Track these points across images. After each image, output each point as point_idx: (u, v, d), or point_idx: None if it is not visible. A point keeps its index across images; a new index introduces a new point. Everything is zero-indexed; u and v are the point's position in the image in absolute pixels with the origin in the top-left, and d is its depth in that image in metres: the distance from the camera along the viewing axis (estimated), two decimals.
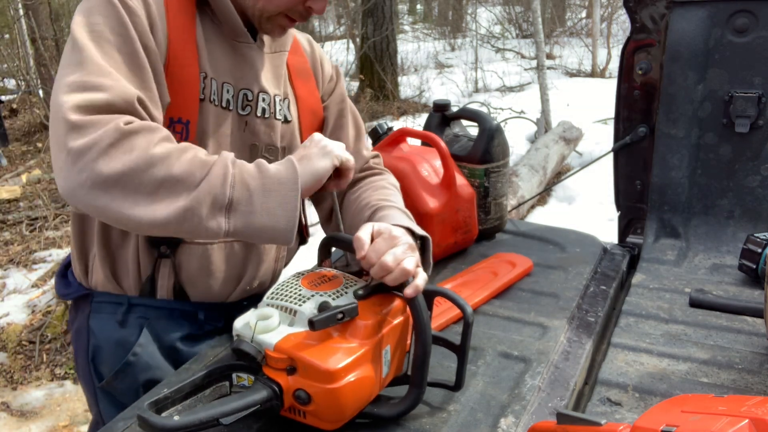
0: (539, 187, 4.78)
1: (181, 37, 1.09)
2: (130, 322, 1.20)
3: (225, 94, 1.15)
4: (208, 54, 1.13)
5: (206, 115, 1.12)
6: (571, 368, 1.17)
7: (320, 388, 0.88)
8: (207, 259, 1.19)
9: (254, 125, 1.19)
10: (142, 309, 1.20)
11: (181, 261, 1.18)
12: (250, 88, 1.18)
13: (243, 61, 1.17)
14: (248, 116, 1.19)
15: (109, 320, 1.21)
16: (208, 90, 1.12)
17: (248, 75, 1.18)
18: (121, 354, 1.20)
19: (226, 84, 1.15)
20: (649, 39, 1.72)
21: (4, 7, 9.07)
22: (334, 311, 0.89)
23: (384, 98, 8.32)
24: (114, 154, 0.91)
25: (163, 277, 1.18)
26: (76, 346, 1.27)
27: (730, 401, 0.74)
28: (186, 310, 1.22)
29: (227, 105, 1.15)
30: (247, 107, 1.18)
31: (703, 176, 1.68)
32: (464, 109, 1.75)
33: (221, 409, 0.83)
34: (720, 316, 1.33)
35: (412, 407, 0.99)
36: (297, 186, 0.99)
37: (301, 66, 1.31)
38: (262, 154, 1.21)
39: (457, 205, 1.51)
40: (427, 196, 1.48)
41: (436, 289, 1.02)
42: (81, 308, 1.25)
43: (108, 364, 1.21)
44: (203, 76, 1.12)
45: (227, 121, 1.16)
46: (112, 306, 1.21)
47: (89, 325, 1.22)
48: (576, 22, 13.11)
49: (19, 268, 4.23)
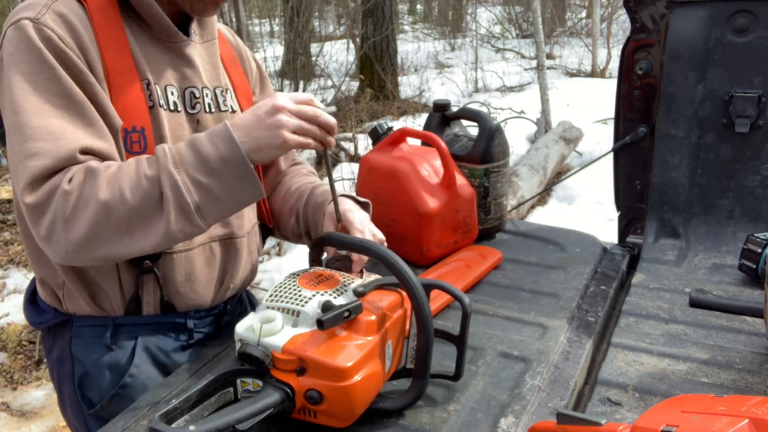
0: (539, 187, 4.78)
1: (115, 52, 1.07)
2: (120, 344, 1.16)
3: (170, 96, 1.14)
4: (145, 61, 1.11)
5: (159, 120, 1.11)
6: (571, 368, 1.17)
7: (333, 387, 0.88)
8: (190, 264, 1.17)
9: (205, 122, 1.19)
10: (130, 328, 1.17)
11: (165, 272, 1.15)
12: (194, 86, 1.18)
13: (181, 60, 1.16)
14: (198, 114, 1.18)
15: (95, 344, 1.16)
16: (155, 96, 1.11)
17: (189, 73, 1.17)
18: (113, 377, 1.16)
19: (169, 86, 1.14)
20: (649, 39, 1.72)
21: (5, 7, 9.07)
22: (340, 310, 0.90)
23: (384, 98, 8.32)
24: (75, 217, 0.97)
25: (149, 292, 1.15)
26: (58, 375, 1.21)
27: (730, 401, 0.74)
28: (175, 322, 1.20)
29: (175, 107, 1.15)
30: (196, 105, 1.18)
31: (703, 176, 1.68)
32: (464, 109, 1.75)
33: (236, 415, 0.83)
34: (720, 316, 1.33)
35: (417, 398, 1.00)
36: (245, 161, 0.99)
37: (228, 54, 1.31)
38: None
39: (457, 205, 1.51)
40: (427, 196, 1.48)
41: (434, 282, 1.04)
42: (59, 335, 1.20)
43: (98, 389, 1.17)
44: (146, 83, 1.10)
45: (181, 123, 1.15)
46: (96, 329, 1.16)
47: (72, 352, 1.17)
48: (576, 22, 13.11)
49: (19, 268, 4.23)
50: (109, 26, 1.07)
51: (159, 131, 1.11)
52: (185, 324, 1.21)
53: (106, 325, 1.16)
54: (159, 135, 1.11)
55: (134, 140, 1.08)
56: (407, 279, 0.95)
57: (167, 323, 1.19)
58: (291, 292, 0.96)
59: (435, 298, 1.29)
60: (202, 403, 0.87)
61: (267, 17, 14.82)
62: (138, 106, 1.09)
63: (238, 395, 0.92)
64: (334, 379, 0.88)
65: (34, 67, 1.00)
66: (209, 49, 1.23)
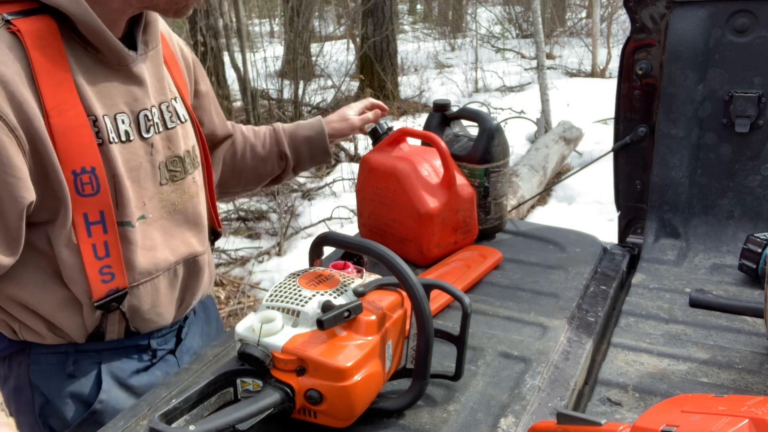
0: (539, 187, 4.78)
1: (56, 87, 0.99)
2: (82, 370, 1.14)
3: (121, 126, 1.08)
4: (93, 91, 1.04)
5: (111, 157, 1.06)
6: (571, 368, 1.17)
7: (333, 387, 0.88)
8: (155, 291, 1.16)
9: (156, 144, 1.15)
10: (93, 354, 1.14)
11: (131, 304, 1.14)
12: (145, 108, 1.12)
13: (131, 82, 1.10)
14: (151, 138, 1.13)
15: (55, 372, 1.13)
16: (103, 132, 1.05)
17: (140, 95, 1.11)
18: (78, 407, 1.14)
19: (120, 114, 1.08)
20: (649, 39, 1.72)
21: None
22: (340, 309, 0.90)
23: (384, 98, 8.32)
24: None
25: (113, 324, 1.14)
26: (16, 405, 1.18)
27: (730, 401, 0.74)
28: (138, 344, 1.20)
29: (127, 137, 1.09)
30: (150, 128, 1.13)
31: (703, 176, 1.68)
32: (464, 109, 1.75)
33: (236, 415, 0.83)
34: (720, 316, 1.33)
35: (417, 399, 1.00)
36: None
37: (168, 53, 1.26)
38: (168, 170, 1.18)
39: (457, 205, 1.51)
40: (427, 196, 1.48)
41: (434, 282, 1.04)
42: (15, 361, 1.15)
43: (60, 417, 1.14)
44: (93, 119, 1.04)
45: (134, 153, 1.10)
46: (56, 356, 1.13)
47: (31, 381, 1.13)
48: (576, 22, 13.11)
49: None
50: (47, 58, 0.98)
51: (111, 169, 1.06)
52: (149, 344, 1.21)
53: (67, 353, 1.13)
54: (111, 173, 1.06)
55: (85, 182, 1.03)
56: (407, 279, 0.95)
57: (131, 346, 1.18)
58: (291, 292, 0.96)
59: (435, 298, 1.29)
60: (202, 403, 0.87)
61: (267, 17, 14.82)
62: (85, 146, 1.03)
63: (238, 395, 0.92)
64: (334, 379, 0.88)
65: None
66: (154, 59, 1.17)
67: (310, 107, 8.01)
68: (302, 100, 7.72)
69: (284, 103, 7.73)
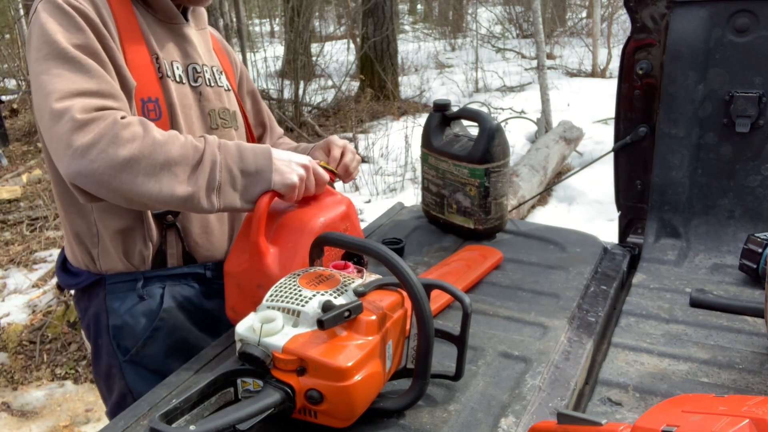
0: (539, 187, 4.78)
1: (128, 28, 1.23)
2: (150, 293, 1.31)
3: (176, 70, 1.30)
4: (153, 38, 1.27)
5: (169, 90, 1.27)
6: (571, 368, 1.17)
7: (333, 387, 0.88)
8: (205, 218, 1.35)
9: (207, 94, 1.35)
10: (158, 279, 1.33)
11: (185, 226, 1.33)
12: (195, 62, 1.34)
13: (182, 39, 1.33)
14: (200, 87, 1.34)
15: (128, 297, 1.31)
16: (163, 68, 1.27)
17: (190, 51, 1.34)
18: (146, 323, 1.31)
19: (175, 62, 1.30)
20: (649, 39, 1.72)
21: (5, 7, 9.08)
22: (340, 309, 0.90)
23: (384, 98, 8.32)
24: (122, 141, 1.07)
25: (172, 245, 1.33)
26: (94, 331, 1.34)
27: (731, 401, 0.74)
28: (196, 272, 1.36)
29: (181, 79, 1.30)
30: (198, 78, 1.34)
31: (704, 176, 1.68)
32: (464, 109, 1.75)
33: (236, 415, 0.83)
34: (720, 316, 1.33)
35: (418, 399, 1.00)
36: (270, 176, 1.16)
37: (216, 45, 1.50)
38: (220, 117, 1.38)
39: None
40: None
41: (434, 282, 1.04)
42: (94, 293, 1.33)
43: (132, 337, 1.31)
44: (155, 57, 1.26)
45: (186, 94, 1.31)
46: (128, 284, 1.31)
47: (108, 306, 1.31)
48: (576, 22, 13.11)
49: (19, 268, 4.23)
50: (121, 7, 1.23)
51: (169, 100, 1.26)
52: (204, 274, 1.37)
53: (137, 279, 1.31)
54: (169, 103, 1.26)
55: (150, 109, 1.23)
56: (407, 279, 0.95)
57: (189, 273, 1.36)
58: (291, 292, 0.96)
59: (435, 298, 1.29)
60: (202, 403, 0.87)
61: (267, 17, 14.83)
62: (150, 78, 1.24)
63: (238, 395, 0.92)
64: (334, 379, 0.88)
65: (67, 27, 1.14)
66: (203, 35, 1.42)
67: (311, 107, 8.02)
68: (302, 100, 7.73)
69: (285, 103, 7.74)
